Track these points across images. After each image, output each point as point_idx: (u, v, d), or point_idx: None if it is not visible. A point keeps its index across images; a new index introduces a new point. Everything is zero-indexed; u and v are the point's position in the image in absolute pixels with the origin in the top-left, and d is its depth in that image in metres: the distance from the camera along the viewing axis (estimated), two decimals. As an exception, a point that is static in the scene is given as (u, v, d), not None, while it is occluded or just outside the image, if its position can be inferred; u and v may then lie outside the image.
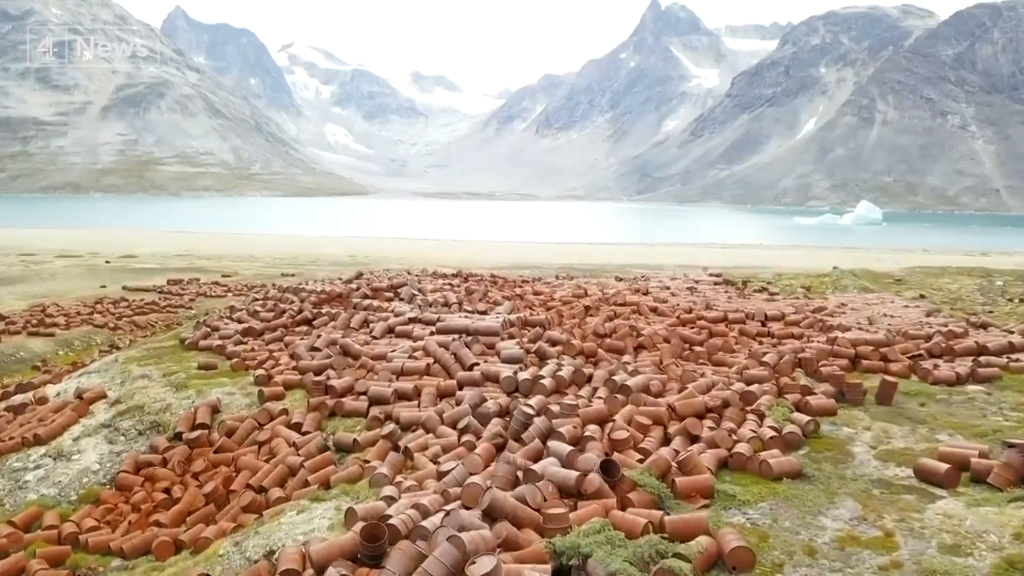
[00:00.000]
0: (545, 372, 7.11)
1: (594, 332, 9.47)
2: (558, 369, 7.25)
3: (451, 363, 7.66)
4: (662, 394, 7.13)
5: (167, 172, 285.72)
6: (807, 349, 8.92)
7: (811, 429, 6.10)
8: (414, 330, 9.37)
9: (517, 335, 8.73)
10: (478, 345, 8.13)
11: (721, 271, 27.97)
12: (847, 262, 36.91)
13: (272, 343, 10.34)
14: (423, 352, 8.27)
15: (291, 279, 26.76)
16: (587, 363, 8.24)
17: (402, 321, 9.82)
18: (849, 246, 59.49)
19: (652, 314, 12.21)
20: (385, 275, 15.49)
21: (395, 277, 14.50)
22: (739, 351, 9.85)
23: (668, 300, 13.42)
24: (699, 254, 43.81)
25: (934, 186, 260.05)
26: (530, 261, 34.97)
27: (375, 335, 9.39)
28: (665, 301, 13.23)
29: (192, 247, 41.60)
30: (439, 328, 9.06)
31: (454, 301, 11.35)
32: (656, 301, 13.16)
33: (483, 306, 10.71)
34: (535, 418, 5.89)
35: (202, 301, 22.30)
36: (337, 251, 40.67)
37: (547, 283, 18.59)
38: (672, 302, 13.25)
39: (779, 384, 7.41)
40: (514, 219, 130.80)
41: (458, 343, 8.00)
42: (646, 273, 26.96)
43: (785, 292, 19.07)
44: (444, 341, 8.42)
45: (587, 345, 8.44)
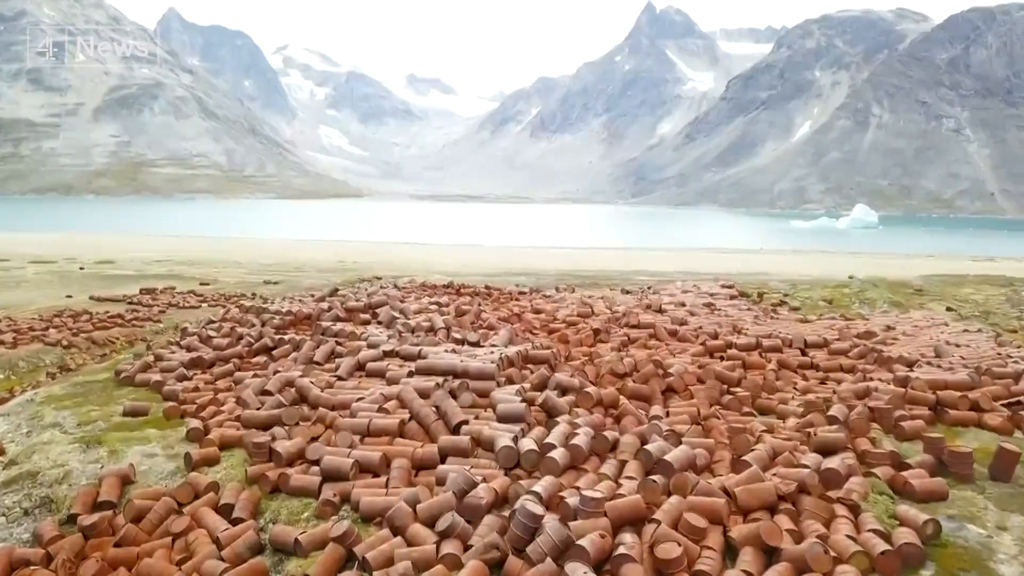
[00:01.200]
0: (555, 438, 5.35)
1: (611, 371, 7.70)
2: (572, 432, 5.49)
3: (432, 420, 5.89)
4: (711, 468, 5.39)
5: (160, 174, 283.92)
6: (873, 392, 7.23)
7: (932, 533, 4.38)
8: (389, 368, 7.59)
9: (517, 377, 6.96)
10: (467, 394, 6.37)
11: (730, 280, 26.34)
12: (855, 269, 35.31)
13: (222, 378, 8.57)
14: (397, 403, 6.48)
15: (274, 287, 24.95)
16: (606, 415, 6.48)
17: (376, 355, 8.03)
18: (852, 251, 58.05)
19: (671, 338, 10.51)
20: (364, 290, 13.71)
21: (374, 294, 12.77)
22: (783, 388, 8.14)
23: (687, 321, 11.72)
24: (700, 259, 42.18)
25: (929, 189, 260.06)
26: (526, 267, 33.23)
27: (341, 374, 7.61)
28: (684, 322, 11.52)
29: (174, 252, 39.67)
30: (420, 367, 7.28)
31: (441, 326, 9.58)
32: (674, 322, 11.45)
33: (475, 335, 8.93)
34: (544, 519, 4.16)
35: (173, 314, 20.39)
36: (326, 256, 38.84)
37: (547, 296, 16.85)
38: (692, 323, 11.55)
39: (857, 450, 5.71)
40: (509, 222, 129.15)
41: (442, 392, 6.23)
42: (652, 283, 25.28)
43: (806, 307, 17.43)
44: (425, 387, 6.64)
45: (606, 392, 6.67)
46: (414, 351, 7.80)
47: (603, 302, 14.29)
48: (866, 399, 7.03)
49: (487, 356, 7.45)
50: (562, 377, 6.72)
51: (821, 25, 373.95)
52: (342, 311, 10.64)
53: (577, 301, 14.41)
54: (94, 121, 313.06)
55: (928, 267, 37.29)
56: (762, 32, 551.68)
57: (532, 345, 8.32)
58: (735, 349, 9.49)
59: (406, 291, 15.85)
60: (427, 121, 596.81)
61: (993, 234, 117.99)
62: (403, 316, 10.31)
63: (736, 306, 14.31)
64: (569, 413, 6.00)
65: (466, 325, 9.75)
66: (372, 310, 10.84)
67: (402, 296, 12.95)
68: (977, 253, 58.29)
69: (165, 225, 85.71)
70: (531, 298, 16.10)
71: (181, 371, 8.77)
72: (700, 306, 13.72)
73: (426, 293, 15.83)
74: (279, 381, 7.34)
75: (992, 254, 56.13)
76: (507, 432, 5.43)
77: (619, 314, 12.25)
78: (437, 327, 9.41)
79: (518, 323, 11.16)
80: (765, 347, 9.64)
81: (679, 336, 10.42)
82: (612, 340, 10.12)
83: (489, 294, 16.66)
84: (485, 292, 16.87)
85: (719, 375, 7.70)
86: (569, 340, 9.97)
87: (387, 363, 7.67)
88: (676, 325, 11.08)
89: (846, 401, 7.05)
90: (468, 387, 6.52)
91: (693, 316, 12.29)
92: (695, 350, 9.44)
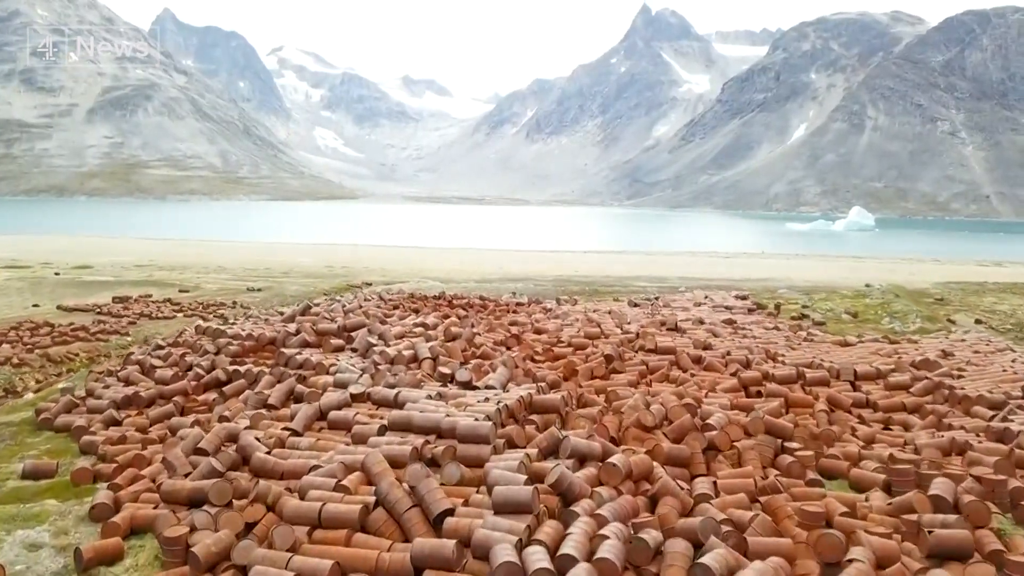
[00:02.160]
0: (575, 544, 3.79)
1: (638, 424, 6.14)
2: (597, 532, 3.92)
3: (405, 507, 4.32)
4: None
5: (153, 175, 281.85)
6: (967, 451, 5.72)
7: None
8: (357, 418, 6.02)
9: (519, 438, 5.40)
10: (453, 466, 4.80)
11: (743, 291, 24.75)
12: (863, 274, 33.86)
13: (158, 422, 7.01)
14: (360, 478, 4.90)
15: (256, 295, 23.37)
16: (638, 492, 4.91)
17: (342, 400, 6.47)
18: (855, 255, 56.64)
19: (696, 366, 9.01)
20: (342, 306, 12.14)
21: (353, 311, 11.24)
22: (842, 436, 6.63)
23: (711, 343, 10.22)
24: (701, 264, 40.69)
25: (924, 192, 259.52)
26: (523, 272, 31.68)
27: (296, 427, 6.04)
28: (708, 346, 10.01)
29: (158, 256, 37.94)
30: (394, 421, 5.72)
31: (427, 355, 8.02)
32: (697, 345, 9.94)
33: (466, 372, 7.34)
34: None
35: (144, 325, 18.65)
36: (315, 260, 37.20)
37: (547, 310, 15.29)
38: (717, 346, 10.05)
39: (983, 550, 4.18)
40: (504, 225, 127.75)
41: (419, 469, 4.64)
42: (658, 291, 23.77)
43: (830, 320, 15.96)
44: (398, 454, 5.07)
45: (635, 460, 5.09)
46: (390, 395, 6.26)
47: (611, 318, 12.79)
48: (961, 460, 5.53)
49: (481, 405, 5.90)
50: (579, 441, 5.16)
51: (816, 28, 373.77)
52: (312, 334, 9.10)
53: (582, 317, 12.89)
54: (87, 122, 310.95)
55: (939, 273, 35.86)
56: (757, 35, 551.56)
57: (537, 388, 6.76)
58: (774, 382, 7.99)
59: (392, 303, 14.33)
60: (422, 123, 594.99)
61: (989, 237, 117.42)
62: (382, 342, 8.77)
63: (760, 323, 12.81)
64: (590, 495, 4.47)
65: (456, 353, 8.21)
66: (347, 333, 9.33)
67: (384, 314, 11.38)
68: (982, 257, 57.14)
69: (155, 227, 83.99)
70: (530, 312, 14.59)
71: (111, 413, 7.21)
72: (720, 323, 12.23)
73: (415, 306, 14.29)
74: (217, 436, 5.80)
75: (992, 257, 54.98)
76: (507, 534, 3.89)
77: (632, 334, 10.76)
78: (421, 357, 7.88)
79: (517, 347, 9.65)
80: (809, 380, 8.14)
81: (705, 364, 8.91)
82: (628, 370, 8.62)
83: (484, 306, 15.15)
84: (480, 304, 15.35)
85: (769, 426, 6.19)
86: (578, 370, 8.46)
87: (355, 412, 6.12)
88: (700, 350, 9.58)
89: (932, 460, 5.54)
90: (455, 453, 4.99)
91: (716, 337, 10.80)
92: (727, 384, 7.94)
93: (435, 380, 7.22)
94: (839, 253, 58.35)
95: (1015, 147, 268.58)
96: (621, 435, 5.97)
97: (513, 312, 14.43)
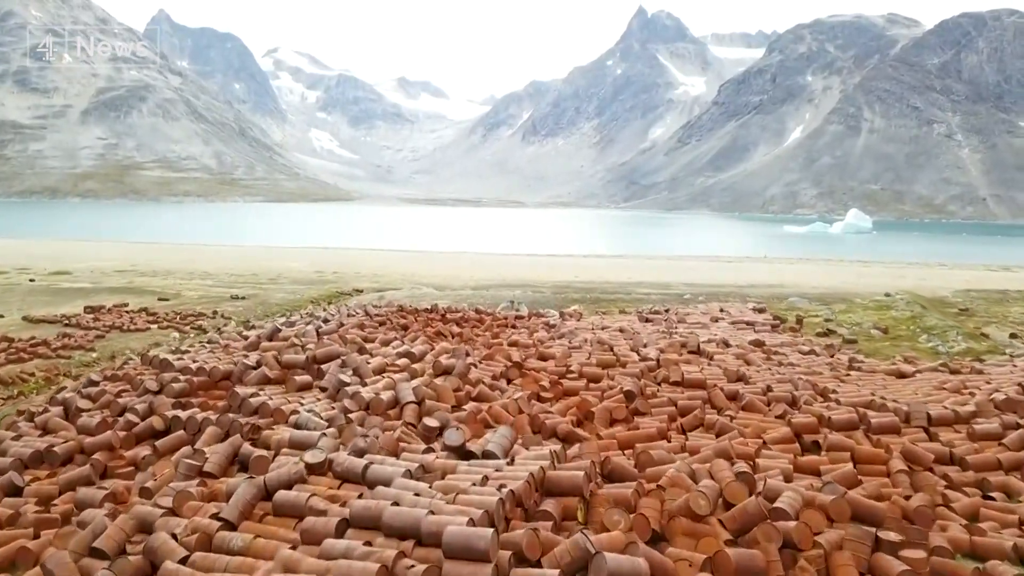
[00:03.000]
0: None
1: (687, 511, 4.65)
2: None
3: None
4: None
5: (147, 177, 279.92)
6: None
7: None
8: (310, 504, 4.50)
9: (530, 548, 3.87)
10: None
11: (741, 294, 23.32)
12: (872, 280, 32.43)
13: (69, 489, 5.50)
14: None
15: (239, 304, 21.83)
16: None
17: (293, 477, 4.94)
18: (860, 259, 55.32)
19: (733, 405, 7.55)
20: (318, 327, 10.61)
21: (328, 335, 9.73)
22: (944, 519, 5.16)
23: (745, 373, 8.76)
24: (704, 269, 39.30)
25: (921, 194, 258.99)
26: (521, 278, 30.22)
27: (228, 516, 4.52)
28: (742, 377, 8.54)
29: (141, 260, 36.31)
30: (358, 515, 4.19)
31: (410, 399, 6.52)
32: (730, 377, 8.49)
33: (457, 434, 5.75)
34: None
35: (113, 338, 16.92)
36: (306, 265, 35.71)
37: (550, 326, 13.78)
38: (753, 378, 8.60)
39: None
40: (501, 227, 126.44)
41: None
42: (662, 298, 22.33)
43: (860, 337, 14.48)
44: (364, 572, 3.55)
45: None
46: (358, 467, 4.75)
47: (624, 338, 11.32)
48: None
49: (477, 493, 4.38)
50: (618, 561, 3.61)
51: (812, 30, 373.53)
52: (275, 367, 7.62)
53: (591, 337, 11.40)
54: (81, 123, 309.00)
55: (951, 279, 34.48)
56: (753, 37, 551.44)
57: (551, 455, 5.22)
58: (833, 431, 6.53)
59: (379, 318, 12.83)
60: (418, 124, 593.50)
61: (987, 239, 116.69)
62: (357, 379, 7.35)
63: (793, 344, 11.31)
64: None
65: (447, 395, 6.73)
66: (317, 365, 7.88)
67: (366, 337, 9.89)
68: (984, 261, 56.19)
69: (145, 230, 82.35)
70: (531, 328, 13.10)
71: (11, 476, 5.69)
72: (749, 346, 10.74)
73: (404, 321, 12.78)
74: (124, 527, 4.31)
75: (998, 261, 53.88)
76: None
77: (651, 361, 9.31)
78: (404, 401, 6.40)
79: (519, 379, 8.19)
80: (875, 427, 6.66)
81: (744, 403, 7.46)
82: (654, 410, 7.18)
83: (480, 320, 13.67)
84: (475, 318, 13.87)
85: (856, 507, 4.71)
86: (594, 411, 7.02)
87: (308, 496, 4.60)
88: (734, 383, 8.13)
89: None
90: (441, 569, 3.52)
91: (749, 365, 9.34)
92: (778, 433, 6.46)
93: (418, 435, 5.75)
94: (842, 257, 57.06)
95: (1011, 150, 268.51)
96: (664, 525, 4.49)
97: (512, 327, 12.94)
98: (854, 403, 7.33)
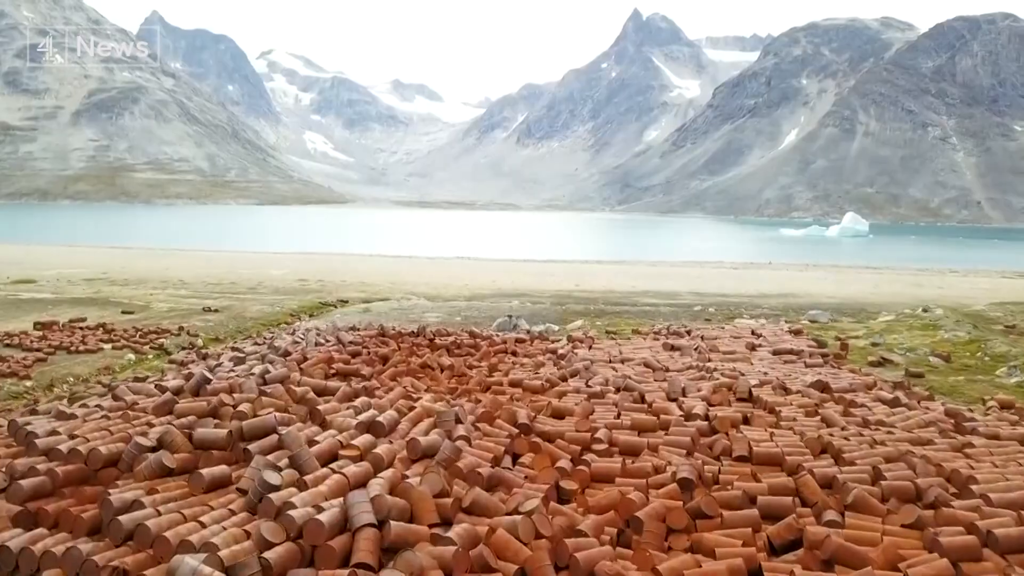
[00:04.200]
0: None
1: None
2: None
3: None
4: None
5: (139, 179, 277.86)
6: None
7: None
8: None
9: None
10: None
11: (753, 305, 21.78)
12: (888, 289, 31.28)
13: None
14: None
15: (211, 318, 20.08)
16: None
17: None
18: (867, 264, 54.20)
19: (829, 499, 5.55)
20: (257, 382, 7.96)
21: (273, 389, 7.58)
22: None
23: (834, 441, 6.82)
24: (710, 276, 38.06)
25: (916, 198, 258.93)
26: (519, 287, 28.94)
27: None
28: (837, 453, 6.55)
29: (115, 267, 34.64)
30: None
31: (367, 521, 4.58)
32: (810, 445, 6.66)
33: None
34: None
35: (58, 362, 14.47)
36: (290, 272, 34.18)
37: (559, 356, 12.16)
38: (845, 449, 6.60)
39: None
40: (495, 230, 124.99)
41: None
42: (671, 310, 21.06)
43: (923, 368, 12.46)
44: None
45: None
46: None
47: (654, 378, 9.73)
48: None
49: None
50: None
51: (807, 33, 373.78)
52: (182, 448, 5.85)
53: (613, 377, 9.73)
54: (73, 125, 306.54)
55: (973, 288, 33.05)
56: (747, 40, 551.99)
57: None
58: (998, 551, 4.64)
59: (352, 347, 11.38)
60: (412, 127, 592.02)
61: (986, 243, 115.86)
62: (295, 471, 5.45)
63: (869, 389, 9.51)
64: None
65: (425, 509, 4.84)
66: (243, 444, 5.94)
67: (323, 389, 8.02)
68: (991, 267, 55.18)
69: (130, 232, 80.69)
70: (535, 357, 11.58)
71: None
72: (813, 391, 8.96)
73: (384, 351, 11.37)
74: None
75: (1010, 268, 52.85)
76: None
77: (700, 420, 7.45)
78: (356, 525, 4.52)
79: (531, 455, 6.51)
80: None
81: (852, 500, 5.43)
82: (726, 519, 5.27)
83: (475, 346, 12.29)
84: (470, 344, 12.48)
85: None
86: (641, 521, 5.07)
87: None
88: (822, 461, 6.25)
89: None
90: None
91: (828, 425, 7.49)
92: (927, 567, 4.49)
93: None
94: (849, 263, 55.85)
95: (1006, 153, 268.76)
96: None
97: (512, 354, 11.60)
98: (1010, 501, 5.32)
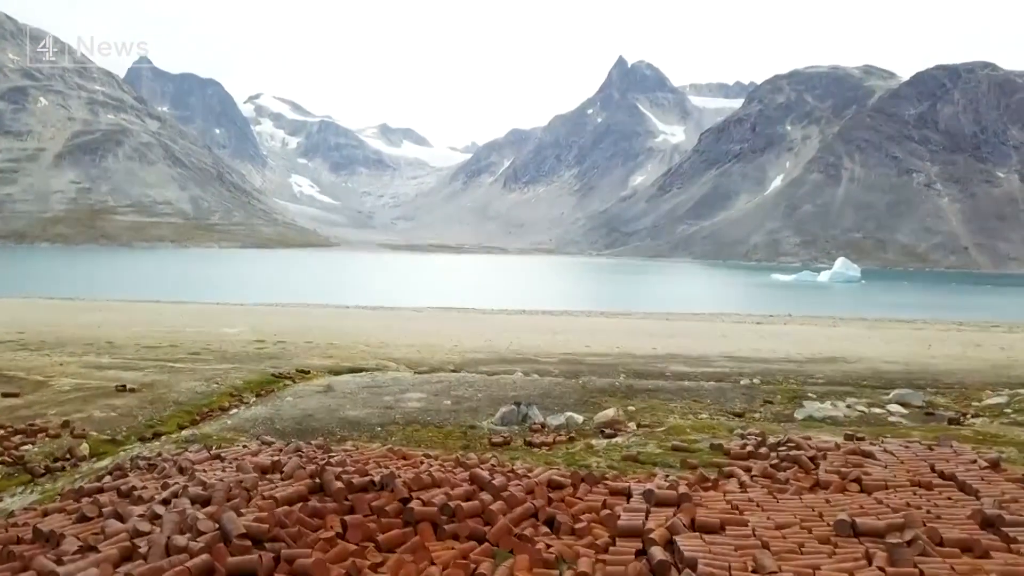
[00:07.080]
0: None
1: None
2: None
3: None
4: None
5: (120, 222, 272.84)
6: None
7: None
8: None
9: None
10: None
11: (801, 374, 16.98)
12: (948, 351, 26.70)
13: None
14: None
15: (121, 401, 15.04)
16: None
17: None
18: (900, 318, 50.04)
19: None
20: None
21: None
22: None
23: None
24: (735, 334, 33.45)
25: (904, 243, 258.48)
26: (519, 350, 24.18)
27: None
28: None
29: (39, 323, 28.89)
30: None
31: None
32: None
33: None
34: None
35: None
36: (246, 331, 28.82)
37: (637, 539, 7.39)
38: None
39: None
40: (484, 274, 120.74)
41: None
42: (703, 376, 16.43)
43: None
44: None
45: None
46: None
47: None
48: None
49: None
50: None
51: (791, 80, 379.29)
52: None
53: None
54: (55, 167, 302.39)
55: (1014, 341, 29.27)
56: (731, 87, 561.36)
57: None
58: None
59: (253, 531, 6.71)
60: (399, 171, 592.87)
61: (978, 290, 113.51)
62: None
63: None
64: None
65: None
66: None
67: None
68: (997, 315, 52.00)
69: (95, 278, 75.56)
70: (594, 529, 6.96)
71: None
72: None
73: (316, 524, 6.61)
74: None
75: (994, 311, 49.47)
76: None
77: None
78: None
79: None
80: None
81: None
82: None
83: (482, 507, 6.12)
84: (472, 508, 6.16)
85: None
86: None
87: None
88: None
89: None
90: None
91: None
92: None
93: None
94: (879, 315, 51.56)
95: (990, 199, 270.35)
96: None
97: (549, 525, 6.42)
98: None
